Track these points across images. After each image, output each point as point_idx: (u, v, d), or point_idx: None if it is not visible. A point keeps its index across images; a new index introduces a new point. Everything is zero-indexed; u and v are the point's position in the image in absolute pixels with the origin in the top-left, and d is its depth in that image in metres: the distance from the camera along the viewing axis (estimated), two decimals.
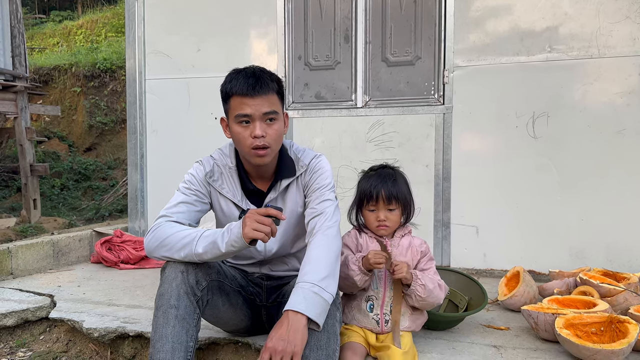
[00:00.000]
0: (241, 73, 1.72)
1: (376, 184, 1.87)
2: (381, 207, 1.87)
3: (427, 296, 1.82)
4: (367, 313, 1.86)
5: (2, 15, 6.08)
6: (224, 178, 1.85)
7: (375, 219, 1.89)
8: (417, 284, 1.81)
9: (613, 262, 3.09)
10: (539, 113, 3.23)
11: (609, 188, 3.12)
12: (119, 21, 11.26)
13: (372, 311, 1.86)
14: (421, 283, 1.81)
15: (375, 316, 1.85)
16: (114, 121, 8.72)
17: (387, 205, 1.86)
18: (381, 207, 1.87)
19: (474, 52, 3.33)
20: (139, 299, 2.75)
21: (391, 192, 1.85)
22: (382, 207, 1.87)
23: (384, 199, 1.85)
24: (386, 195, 1.85)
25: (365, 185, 1.90)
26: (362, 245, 1.92)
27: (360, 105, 3.56)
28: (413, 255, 1.92)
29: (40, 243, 3.41)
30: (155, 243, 1.67)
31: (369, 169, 1.98)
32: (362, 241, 1.93)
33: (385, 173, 1.91)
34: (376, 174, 1.92)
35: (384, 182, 1.87)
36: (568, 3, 3.17)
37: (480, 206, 3.35)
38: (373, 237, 1.93)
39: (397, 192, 1.86)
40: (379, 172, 1.93)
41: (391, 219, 1.88)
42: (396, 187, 1.87)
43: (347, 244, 1.95)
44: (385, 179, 1.88)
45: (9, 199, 7.07)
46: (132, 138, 4.05)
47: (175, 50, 3.93)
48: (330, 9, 3.59)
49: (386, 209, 1.87)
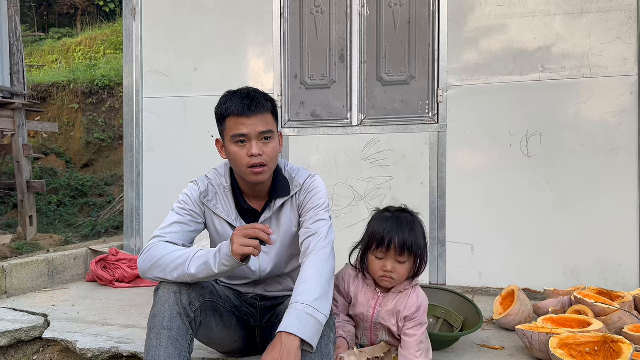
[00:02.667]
0: (236, 94, 1.75)
1: (391, 229, 1.68)
2: (391, 256, 1.69)
3: None
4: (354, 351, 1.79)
5: (1, 34, 6.14)
6: (218, 198, 1.85)
7: (380, 268, 1.71)
8: None
9: (608, 281, 3.10)
10: (533, 132, 3.26)
11: (603, 206, 3.14)
12: (117, 38, 11.35)
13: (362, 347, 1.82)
14: None
15: None
16: (111, 138, 8.75)
17: (397, 256, 1.69)
18: (391, 257, 1.69)
19: (467, 71, 3.37)
20: (133, 318, 2.73)
21: (405, 242, 1.67)
22: (391, 257, 1.69)
23: (396, 248, 1.67)
24: (399, 244, 1.66)
25: (379, 227, 1.71)
26: (351, 296, 1.79)
27: (356, 123, 3.59)
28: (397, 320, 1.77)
29: (35, 262, 3.40)
30: (148, 264, 1.67)
31: (385, 209, 1.81)
32: (352, 290, 1.79)
33: (402, 218, 1.72)
34: (393, 217, 1.74)
35: (400, 229, 1.68)
36: (560, 24, 3.22)
37: (476, 224, 3.36)
38: (369, 288, 1.79)
39: (412, 242, 1.68)
40: (395, 215, 1.75)
41: (399, 271, 1.71)
42: (412, 236, 1.68)
43: (337, 285, 1.81)
44: (401, 225, 1.69)
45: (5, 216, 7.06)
46: (128, 156, 4.07)
47: (173, 69, 3.96)
48: (326, 29, 3.64)
49: (396, 259, 1.69)
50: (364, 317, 1.82)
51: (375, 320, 1.80)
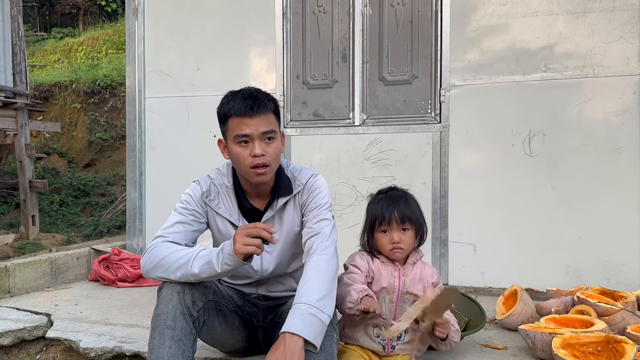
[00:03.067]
0: (238, 94, 1.75)
1: (388, 205, 1.83)
2: (394, 228, 1.82)
3: (458, 339, 1.80)
4: (373, 337, 1.83)
5: (4, 34, 6.14)
6: (220, 197, 1.86)
7: (389, 242, 1.83)
8: (452, 330, 1.76)
9: (610, 280, 3.09)
10: (535, 131, 3.25)
11: (605, 206, 3.14)
12: (119, 38, 11.36)
13: (379, 336, 1.83)
14: (455, 328, 1.78)
15: (381, 341, 1.83)
16: (113, 137, 8.76)
17: (400, 226, 1.82)
18: (394, 229, 1.82)
19: (470, 71, 3.37)
20: (136, 317, 2.74)
21: (404, 213, 1.81)
22: (395, 229, 1.82)
23: (397, 219, 1.81)
24: (399, 215, 1.81)
25: (376, 207, 1.86)
26: (374, 271, 1.85)
27: (358, 123, 3.59)
28: (424, 286, 1.86)
29: (38, 261, 3.41)
30: (151, 264, 1.67)
31: (378, 192, 1.94)
32: (374, 267, 1.86)
33: (395, 194, 1.88)
34: (386, 196, 1.88)
35: (396, 203, 1.83)
36: (563, 23, 3.22)
37: (478, 224, 3.35)
38: (387, 264, 1.86)
39: (410, 212, 1.83)
40: (389, 194, 1.89)
41: (405, 240, 1.83)
42: (408, 207, 1.84)
43: (357, 265, 1.86)
44: (396, 200, 1.85)
45: (8, 215, 7.07)
46: (131, 155, 4.07)
47: (175, 69, 3.97)
48: (328, 29, 3.64)
49: (400, 230, 1.82)
50: (391, 288, 1.84)
51: (402, 289, 1.84)
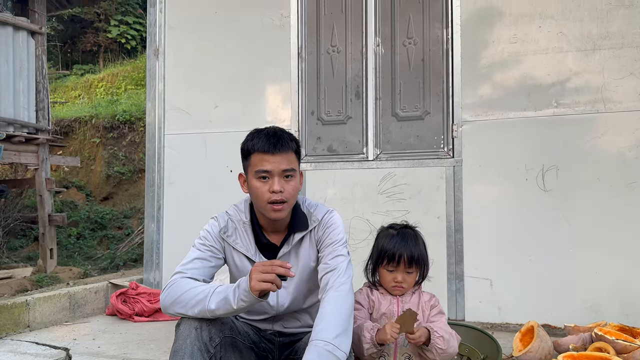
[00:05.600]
0: (262, 132, 1.82)
1: (399, 246, 1.87)
2: (401, 269, 1.87)
3: (447, 347, 1.81)
4: None
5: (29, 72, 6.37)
6: (237, 233, 1.90)
7: (392, 280, 1.89)
8: (436, 336, 1.80)
9: (629, 317, 3.05)
10: (549, 166, 3.27)
11: (622, 241, 3.12)
12: (138, 74, 11.67)
13: None
14: (439, 335, 1.81)
15: None
16: (131, 171, 8.90)
17: (406, 269, 1.87)
18: (401, 270, 1.87)
19: (481, 107, 3.42)
20: (152, 352, 2.76)
21: (413, 256, 1.86)
22: (401, 270, 1.87)
23: (405, 262, 1.86)
24: (408, 259, 1.86)
25: (387, 244, 1.90)
26: (374, 302, 1.93)
27: (372, 158, 3.65)
28: (423, 311, 1.92)
29: (57, 295, 3.46)
30: (170, 300, 1.71)
31: (389, 227, 1.98)
32: (374, 298, 1.93)
33: (407, 234, 1.91)
34: (398, 234, 1.92)
35: (407, 245, 1.87)
36: (573, 60, 3.27)
37: (494, 258, 3.34)
38: (386, 295, 1.93)
39: (418, 254, 1.88)
40: (401, 232, 1.93)
41: (408, 281, 1.89)
42: (417, 250, 1.88)
43: (359, 301, 1.94)
44: (407, 241, 1.88)
45: (26, 248, 7.16)
46: (149, 190, 4.16)
47: (194, 107, 4.08)
48: (342, 67, 3.74)
49: (405, 272, 1.88)
50: (390, 313, 1.89)
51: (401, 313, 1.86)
